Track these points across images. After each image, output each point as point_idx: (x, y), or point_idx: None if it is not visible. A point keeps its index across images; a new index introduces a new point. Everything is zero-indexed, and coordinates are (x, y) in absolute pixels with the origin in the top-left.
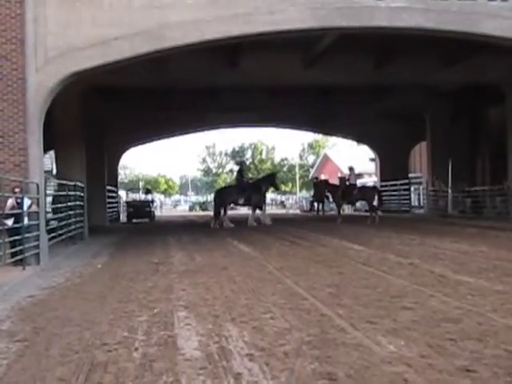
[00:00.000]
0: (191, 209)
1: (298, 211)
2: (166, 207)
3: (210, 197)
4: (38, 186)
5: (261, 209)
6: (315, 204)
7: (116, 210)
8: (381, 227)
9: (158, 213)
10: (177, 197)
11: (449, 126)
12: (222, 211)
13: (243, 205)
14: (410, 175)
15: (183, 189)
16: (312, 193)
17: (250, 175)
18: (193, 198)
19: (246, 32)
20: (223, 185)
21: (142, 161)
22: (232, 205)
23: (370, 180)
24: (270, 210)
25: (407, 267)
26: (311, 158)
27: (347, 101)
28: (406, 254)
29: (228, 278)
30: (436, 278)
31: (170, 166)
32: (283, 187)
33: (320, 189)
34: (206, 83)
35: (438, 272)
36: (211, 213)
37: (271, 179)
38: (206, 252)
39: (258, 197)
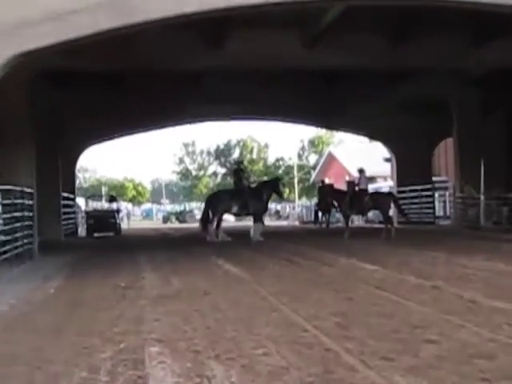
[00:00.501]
0: (166, 220)
1: (296, 223)
2: (135, 218)
3: (190, 205)
4: None
5: (260, 220)
6: (319, 214)
7: (73, 221)
8: (398, 242)
9: (124, 225)
10: (148, 205)
11: (480, 118)
12: (215, 221)
13: (237, 214)
14: (434, 179)
15: (156, 196)
16: (315, 200)
17: (254, 178)
18: (168, 206)
19: (234, 4)
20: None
21: (105, 162)
22: (226, 214)
23: (385, 185)
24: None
25: (430, 291)
26: (313, 158)
27: (356, 88)
28: (428, 275)
29: (211, 306)
30: (465, 304)
31: (140, 167)
32: None
33: (326, 195)
34: (185, 68)
35: (468, 297)
36: (195, 224)
37: (275, 185)
38: (185, 273)
39: (259, 205)
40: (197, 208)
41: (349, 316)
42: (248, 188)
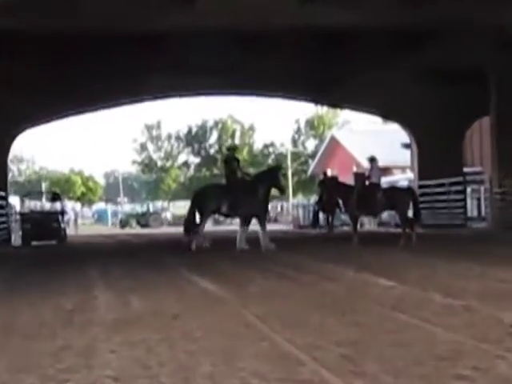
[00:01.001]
0: (124, 224)
1: (291, 227)
2: (85, 222)
3: (154, 205)
4: None
5: (260, 223)
6: (320, 216)
7: (5, 226)
8: (420, 251)
9: (71, 231)
10: (101, 205)
11: None
12: (204, 225)
13: (226, 215)
14: (465, 170)
15: (111, 193)
16: (315, 198)
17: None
18: (126, 207)
19: None
20: (180, 185)
21: (45, 150)
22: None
23: (403, 177)
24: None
25: (461, 313)
26: (311, 144)
27: (366, 54)
28: (458, 292)
29: (182, 333)
30: (506, 329)
31: (91, 157)
32: None
33: (328, 191)
34: (145, 29)
35: (509, 321)
36: (161, 229)
37: (274, 176)
38: (148, 292)
39: (251, 202)
40: (164, 209)
41: (358, 346)
42: (242, 182)
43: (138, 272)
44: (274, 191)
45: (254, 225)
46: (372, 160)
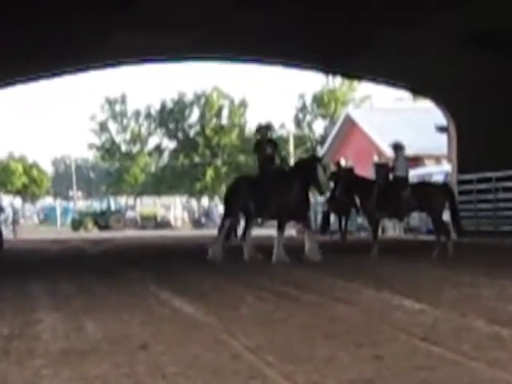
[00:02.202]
0: (77, 226)
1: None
2: (28, 222)
3: (117, 202)
4: None
5: (307, 225)
6: (331, 218)
7: None
8: (458, 265)
9: (8, 234)
10: (48, 201)
11: None
12: (238, 227)
13: (258, 215)
14: None
15: (61, 185)
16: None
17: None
18: (80, 203)
19: None
20: (149, 176)
21: None
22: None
23: (438, 170)
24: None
25: (511, 345)
26: (319, 125)
27: (391, 9)
28: (507, 318)
29: (150, 368)
30: None
31: (35, 139)
32: None
33: (342, 187)
34: None
35: None
36: (124, 232)
37: (311, 171)
38: (107, 314)
39: (285, 201)
40: (129, 207)
41: None
42: (277, 174)
43: (94, 288)
44: None
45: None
46: (397, 147)
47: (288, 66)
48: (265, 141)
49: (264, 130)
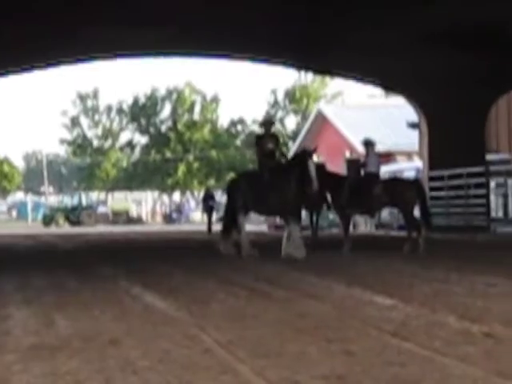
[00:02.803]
0: (49, 221)
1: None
2: None
3: (89, 197)
4: None
5: (297, 221)
6: (303, 214)
7: None
8: (430, 261)
9: None
10: (19, 196)
11: None
12: (242, 223)
13: (257, 211)
14: (489, 157)
15: (32, 180)
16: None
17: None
18: (52, 198)
19: None
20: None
21: None
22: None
23: (409, 166)
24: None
25: (481, 341)
26: (291, 121)
27: (363, 7)
28: (477, 314)
29: (121, 363)
30: None
31: (6, 134)
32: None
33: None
34: None
35: None
36: (96, 228)
37: (301, 165)
38: (78, 309)
39: (286, 196)
40: (100, 202)
41: (348, 381)
42: (276, 169)
43: (65, 284)
44: None
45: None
46: (368, 144)
47: (259, 61)
48: (267, 135)
49: (269, 124)
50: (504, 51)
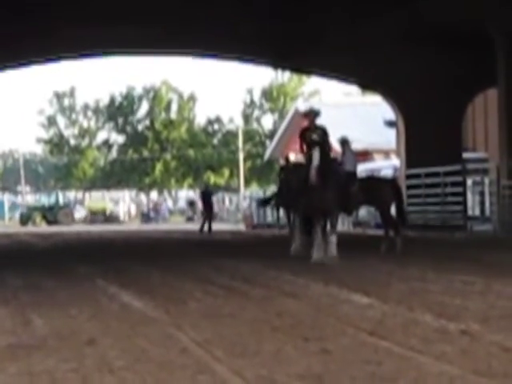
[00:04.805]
0: (25, 220)
1: (241, 226)
2: None
3: (66, 196)
4: None
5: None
6: (280, 212)
7: None
8: (406, 260)
9: None
10: None
11: None
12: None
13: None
14: (466, 156)
15: (9, 179)
16: (273, 190)
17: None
18: (29, 197)
19: None
20: (99, 170)
21: None
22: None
23: (386, 164)
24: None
25: (457, 339)
26: (268, 120)
27: (341, 6)
28: (454, 312)
29: (98, 362)
30: None
31: None
32: (212, 178)
33: (290, 181)
34: None
35: None
36: (73, 227)
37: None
38: (54, 308)
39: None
40: (78, 201)
41: (324, 379)
42: (328, 159)
43: (42, 283)
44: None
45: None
46: (344, 142)
47: (236, 59)
48: (312, 128)
49: (312, 115)
50: (481, 51)
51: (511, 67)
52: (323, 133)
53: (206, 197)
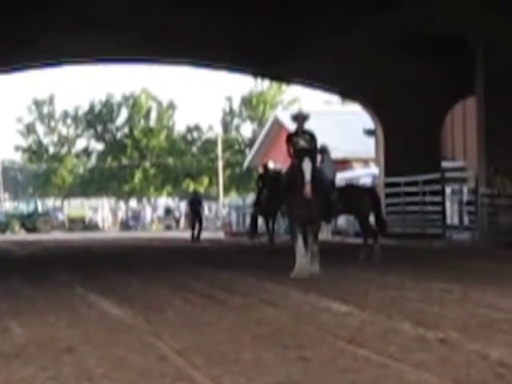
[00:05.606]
0: (4, 227)
1: (220, 234)
2: None
3: (45, 204)
4: None
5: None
6: (258, 221)
7: None
8: (385, 268)
9: None
10: None
11: None
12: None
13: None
14: (444, 165)
15: None
16: (252, 198)
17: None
18: (7, 205)
19: None
20: (78, 178)
21: None
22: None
23: (365, 173)
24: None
25: (436, 347)
26: (247, 128)
27: (321, 14)
28: (432, 321)
29: (76, 370)
30: (493, 368)
31: None
32: (191, 186)
33: (269, 189)
34: None
35: (496, 357)
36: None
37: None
38: (32, 316)
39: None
40: (56, 209)
41: None
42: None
43: (21, 291)
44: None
45: None
46: (323, 151)
47: (215, 68)
48: (300, 132)
49: (302, 118)
50: (459, 59)
51: (489, 76)
52: (311, 138)
53: (195, 204)
